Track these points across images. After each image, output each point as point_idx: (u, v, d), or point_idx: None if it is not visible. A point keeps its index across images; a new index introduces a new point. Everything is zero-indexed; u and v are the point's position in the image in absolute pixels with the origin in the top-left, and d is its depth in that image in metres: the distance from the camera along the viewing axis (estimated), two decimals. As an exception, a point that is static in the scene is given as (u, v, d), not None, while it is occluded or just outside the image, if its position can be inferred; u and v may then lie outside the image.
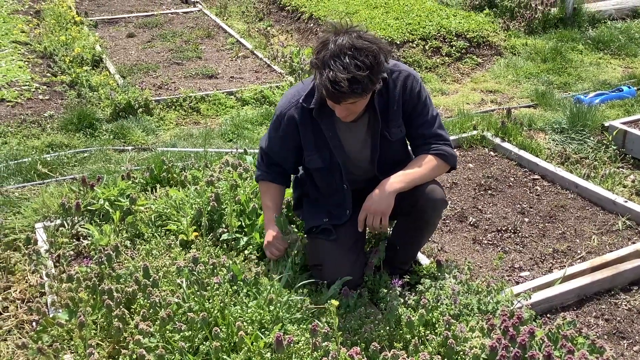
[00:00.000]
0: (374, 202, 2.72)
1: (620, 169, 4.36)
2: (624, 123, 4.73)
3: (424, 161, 2.79)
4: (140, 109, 5.45)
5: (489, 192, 4.06)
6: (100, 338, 2.65)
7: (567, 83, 6.22)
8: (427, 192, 2.81)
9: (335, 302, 2.26)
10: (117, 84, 6.01)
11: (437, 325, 2.56)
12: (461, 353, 2.39)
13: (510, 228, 3.65)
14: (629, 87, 5.77)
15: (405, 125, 2.80)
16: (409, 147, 2.97)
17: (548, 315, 2.93)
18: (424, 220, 2.90)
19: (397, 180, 2.73)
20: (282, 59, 6.77)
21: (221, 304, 2.55)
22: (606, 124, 4.77)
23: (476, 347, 2.34)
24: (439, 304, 2.65)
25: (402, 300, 2.69)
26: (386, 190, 2.71)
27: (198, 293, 2.65)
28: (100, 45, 7.27)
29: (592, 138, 4.75)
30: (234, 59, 7.10)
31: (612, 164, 4.47)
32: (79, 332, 2.61)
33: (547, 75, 6.38)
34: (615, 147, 4.58)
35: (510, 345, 2.27)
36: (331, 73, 2.37)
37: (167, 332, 2.49)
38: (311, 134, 2.76)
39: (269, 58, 6.94)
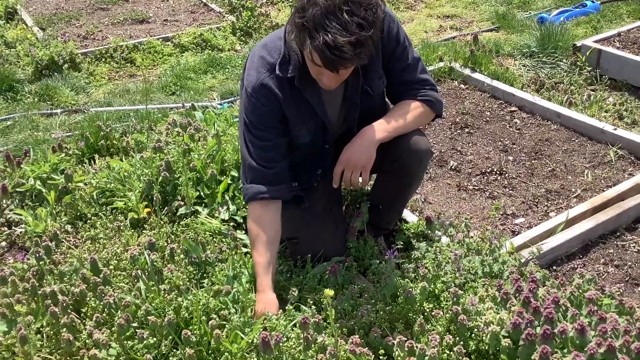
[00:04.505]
0: (353, 154, 2.30)
1: (598, 92, 4.07)
2: (596, 41, 4.42)
3: (409, 108, 2.38)
4: (66, 65, 4.83)
5: (466, 130, 3.71)
6: (48, 351, 2.22)
7: (527, 1, 5.87)
8: (411, 143, 2.41)
9: (330, 292, 1.88)
10: (37, 38, 5.33)
11: (441, 298, 2.23)
12: (475, 330, 2.07)
13: (495, 169, 3.32)
14: (592, 2, 5.45)
15: (385, 72, 2.38)
16: (387, 97, 2.56)
17: (554, 267, 2.65)
18: (409, 175, 2.52)
19: (380, 129, 2.31)
20: (220, -4, 6.17)
21: (187, 301, 2.15)
22: (578, 44, 4.45)
23: (493, 323, 2.03)
24: (440, 272, 2.31)
25: (398, 272, 2.34)
26: (368, 140, 2.29)
27: (155, 289, 2.24)
28: (12, -6, 6.48)
29: (564, 60, 4.43)
30: (165, -1, 6.46)
31: (588, 86, 4.18)
32: (21, 347, 2.18)
33: (504, -6, 6.02)
34: (590, 68, 4.28)
35: (534, 318, 1.96)
36: (329, 36, 1.88)
37: (127, 340, 2.08)
38: (294, 106, 2.28)
39: (204, -4, 6.32)
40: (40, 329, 2.29)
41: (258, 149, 2.26)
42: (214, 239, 2.66)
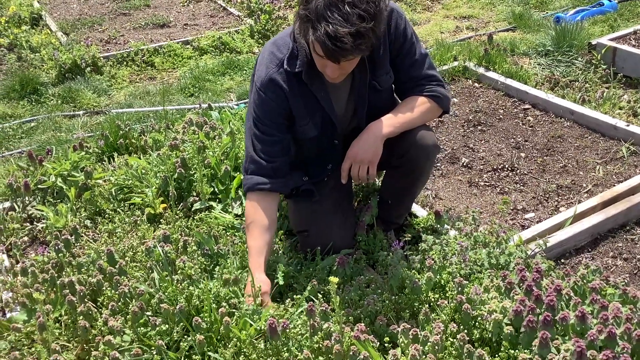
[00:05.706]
0: (360, 149, 2.36)
1: (612, 89, 4.06)
2: (612, 39, 4.41)
3: (415, 103, 2.43)
4: (89, 68, 4.96)
5: (479, 127, 3.74)
6: (66, 338, 2.31)
7: (544, 1, 5.87)
8: (418, 138, 2.46)
9: (335, 279, 1.94)
10: (61, 43, 5.48)
11: (447, 288, 2.27)
12: (479, 318, 2.10)
13: (507, 166, 3.35)
14: (609, 1, 5.43)
15: (392, 68, 2.43)
16: (394, 93, 2.61)
17: (562, 260, 2.67)
18: (416, 170, 2.56)
19: (386, 124, 2.36)
20: (239, 0, 6.27)
21: (199, 290, 2.22)
22: (593, 42, 4.45)
23: (496, 311, 2.06)
24: (446, 263, 2.35)
25: (405, 264, 2.39)
26: (374, 135, 2.35)
27: (169, 278, 2.31)
28: (38, 1, 6.67)
29: (579, 59, 4.43)
30: (185, 4, 6.58)
31: (603, 84, 4.18)
32: (40, 335, 2.27)
33: (521, -6, 6.03)
34: (605, 67, 4.27)
35: (536, 306, 1.99)
36: (330, 27, 1.93)
37: (141, 327, 2.16)
38: (301, 100, 2.34)
39: (224, 0, 6.42)
40: (59, 317, 2.37)
41: (262, 143, 2.32)
42: (227, 233, 2.73)
